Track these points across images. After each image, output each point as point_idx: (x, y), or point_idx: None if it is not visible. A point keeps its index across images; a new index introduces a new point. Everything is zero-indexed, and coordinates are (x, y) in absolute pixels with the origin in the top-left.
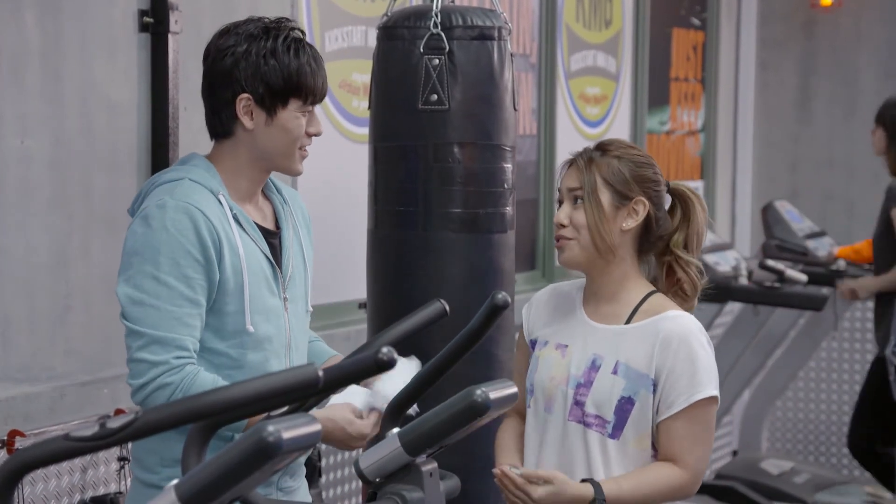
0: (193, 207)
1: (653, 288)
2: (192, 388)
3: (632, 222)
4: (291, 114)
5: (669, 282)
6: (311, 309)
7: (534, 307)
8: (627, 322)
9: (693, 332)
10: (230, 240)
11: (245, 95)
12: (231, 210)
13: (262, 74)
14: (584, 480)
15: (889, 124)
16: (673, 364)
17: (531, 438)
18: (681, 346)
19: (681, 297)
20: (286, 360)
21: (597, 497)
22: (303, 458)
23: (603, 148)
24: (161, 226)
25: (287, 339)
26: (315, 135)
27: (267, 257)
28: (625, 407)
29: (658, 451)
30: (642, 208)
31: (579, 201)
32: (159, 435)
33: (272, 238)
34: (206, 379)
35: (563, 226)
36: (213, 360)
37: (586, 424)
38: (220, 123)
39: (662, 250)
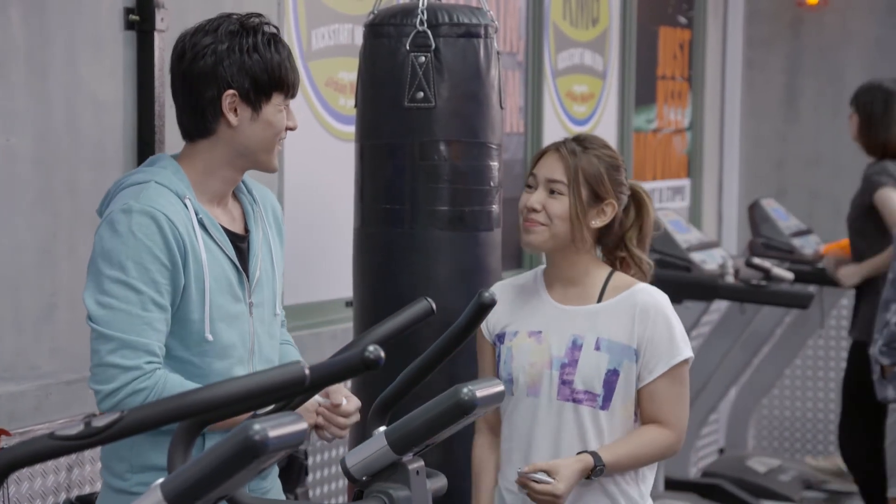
0: (159, 212)
1: (610, 268)
2: (164, 393)
3: (599, 222)
4: (274, 108)
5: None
6: (279, 312)
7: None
8: (599, 301)
9: (665, 301)
10: (194, 246)
11: (231, 91)
12: (197, 214)
13: (247, 69)
14: (580, 453)
15: (861, 108)
16: (652, 332)
17: (517, 425)
18: (658, 314)
19: None
20: (249, 367)
21: (597, 465)
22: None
23: (582, 144)
24: (128, 230)
25: (251, 345)
26: (292, 129)
27: (233, 262)
28: (611, 379)
29: (641, 415)
30: (611, 210)
31: (555, 192)
32: (129, 442)
33: (240, 242)
34: (175, 381)
35: (535, 210)
36: (179, 369)
37: (576, 401)
38: (202, 122)
39: (616, 244)
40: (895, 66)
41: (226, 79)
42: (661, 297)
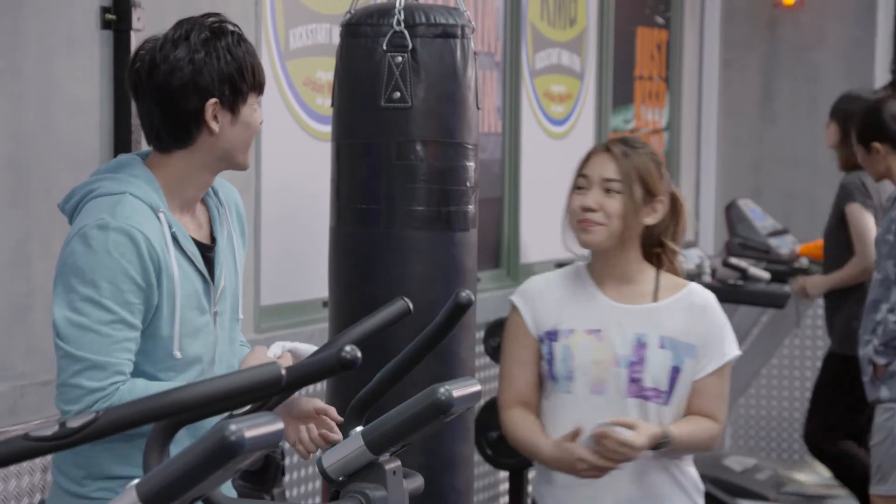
0: (136, 230)
1: (654, 267)
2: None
3: (651, 219)
4: (250, 107)
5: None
6: (241, 316)
7: (534, 300)
8: (655, 300)
9: (716, 300)
10: (167, 263)
11: (213, 100)
12: (170, 227)
13: (226, 76)
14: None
15: (842, 118)
16: (709, 330)
17: (569, 421)
18: (713, 314)
19: None
20: (210, 376)
21: (666, 437)
22: None
23: (629, 144)
24: (103, 248)
25: (213, 354)
26: (260, 124)
27: (201, 274)
28: (674, 376)
29: (688, 408)
30: (661, 207)
31: (611, 191)
32: (85, 450)
33: (207, 252)
34: (138, 386)
35: (592, 210)
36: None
37: (645, 398)
38: (183, 134)
39: (653, 241)
40: (871, 67)
41: (207, 88)
42: (712, 297)
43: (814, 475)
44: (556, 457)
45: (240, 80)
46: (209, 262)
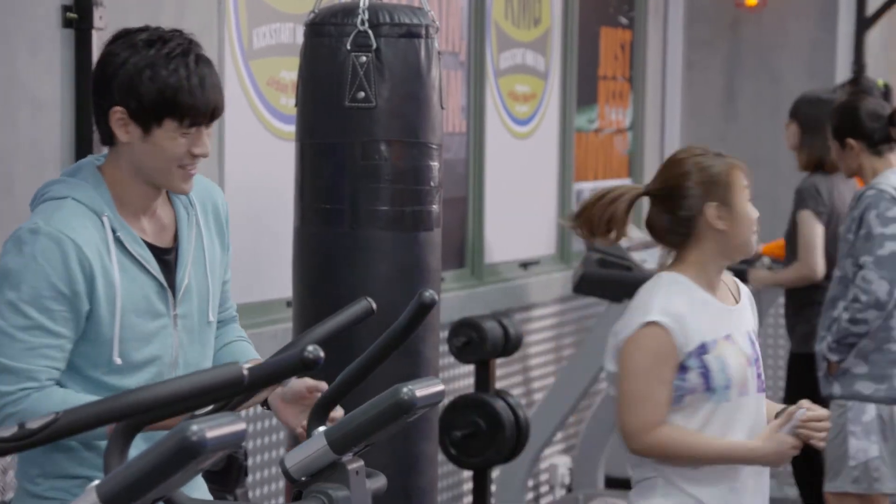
0: (65, 237)
1: None
2: (38, 411)
3: None
4: (167, 133)
5: None
6: (212, 319)
7: (681, 318)
8: (738, 298)
9: None
10: (106, 269)
11: (118, 108)
12: (115, 232)
13: (134, 89)
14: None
15: (802, 119)
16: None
17: (741, 424)
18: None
19: None
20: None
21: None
22: None
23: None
24: (30, 253)
25: (174, 358)
26: (200, 156)
27: (155, 278)
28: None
29: None
30: None
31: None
32: (41, 450)
33: (165, 255)
34: (56, 396)
35: None
36: (91, 388)
37: (763, 390)
38: (103, 132)
39: None
40: (832, 68)
41: (114, 95)
42: None
43: None
44: (773, 449)
45: (150, 99)
46: (168, 265)
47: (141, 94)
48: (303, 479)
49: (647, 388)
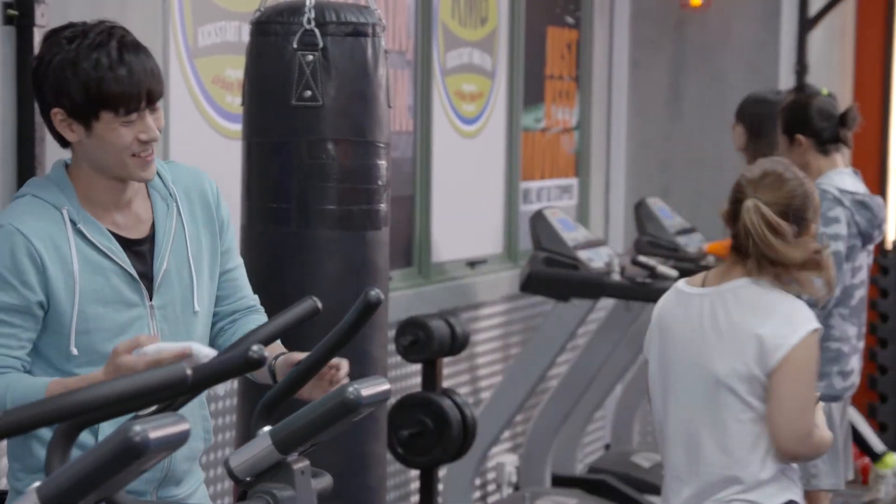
0: (15, 229)
1: None
2: (5, 399)
3: None
4: (107, 126)
5: None
6: (198, 309)
7: None
8: None
9: None
10: (63, 259)
11: (56, 110)
12: (74, 224)
13: (63, 88)
14: None
15: (748, 120)
16: None
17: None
18: None
19: None
20: None
21: None
22: (190, 464)
23: None
24: None
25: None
26: (148, 141)
27: (123, 268)
28: None
29: None
30: None
31: None
32: (21, 443)
33: (138, 246)
34: (23, 383)
35: None
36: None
37: None
38: (54, 134)
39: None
40: (775, 69)
41: (48, 99)
42: None
43: None
44: None
45: (80, 97)
46: (143, 256)
47: (70, 92)
48: (248, 479)
49: (812, 392)
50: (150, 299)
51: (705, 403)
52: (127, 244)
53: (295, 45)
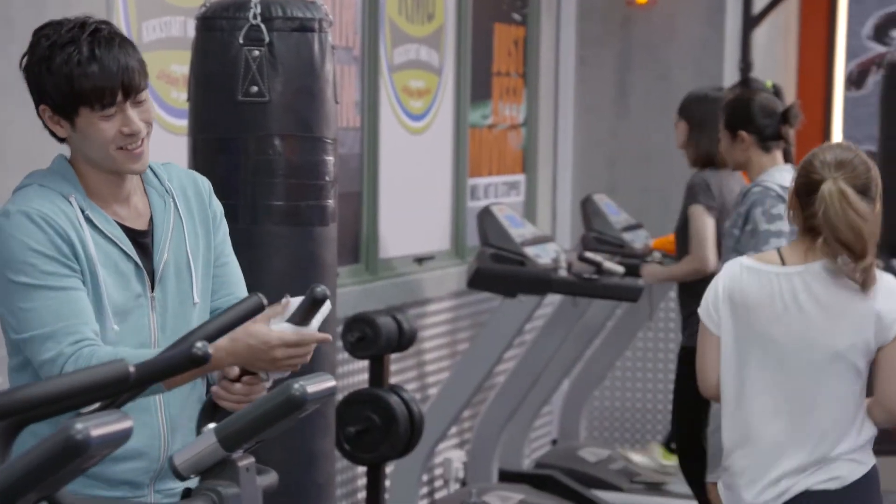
0: (33, 209)
1: None
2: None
3: None
4: (87, 121)
5: None
6: (197, 301)
7: None
8: None
9: None
10: (82, 240)
11: (43, 108)
12: (83, 211)
13: (42, 87)
14: None
15: (690, 117)
16: None
17: None
18: None
19: None
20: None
21: None
22: None
23: None
24: (8, 235)
25: (153, 339)
26: (131, 134)
27: (129, 256)
28: None
29: None
30: None
31: None
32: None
33: (140, 238)
34: (103, 352)
35: None
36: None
37: None
38: (48, 131)
39: None
40: (720, 66)
41: (34, 97)
42: None
43: (650, 461)
44: None
45: (58, 96)
46: (144, 248)
47: (48, 90)
48: (192, 476)
49: None
50: (152, 290)
51: (819, 375)
52: (132, 235)
53: (241, 41)
